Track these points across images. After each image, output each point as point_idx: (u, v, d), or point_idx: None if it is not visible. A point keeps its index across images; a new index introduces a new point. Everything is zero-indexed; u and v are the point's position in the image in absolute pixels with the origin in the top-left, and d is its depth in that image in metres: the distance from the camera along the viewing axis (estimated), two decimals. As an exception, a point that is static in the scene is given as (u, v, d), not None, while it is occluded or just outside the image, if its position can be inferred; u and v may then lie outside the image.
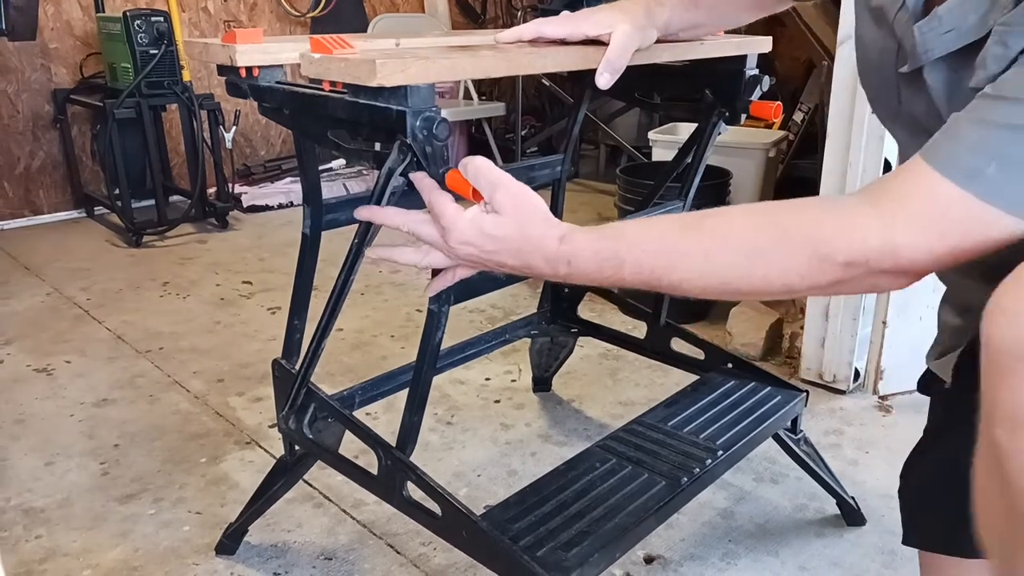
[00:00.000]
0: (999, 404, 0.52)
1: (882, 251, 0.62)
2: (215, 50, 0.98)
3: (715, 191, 2.42)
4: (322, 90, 0.87)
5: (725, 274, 0.68)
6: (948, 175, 0.60)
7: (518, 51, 0.91)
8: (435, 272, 0.90)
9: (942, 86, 0.68)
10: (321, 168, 3.76)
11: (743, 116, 1.30)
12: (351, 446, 1.16)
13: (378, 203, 0.89)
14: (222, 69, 1.01)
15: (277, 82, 0.99)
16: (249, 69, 0.97)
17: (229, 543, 1.38)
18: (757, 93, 1.26)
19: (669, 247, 0.70)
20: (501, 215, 0.76)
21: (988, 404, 0.54)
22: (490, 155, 4.18)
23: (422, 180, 0.82)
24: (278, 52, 0.97)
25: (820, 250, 0.64)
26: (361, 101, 0.81)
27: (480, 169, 0.78)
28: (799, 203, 0.68)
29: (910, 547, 0.91)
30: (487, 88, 4.69)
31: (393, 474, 1.08)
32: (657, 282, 0.70)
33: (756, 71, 1.25)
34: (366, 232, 0.93)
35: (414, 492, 1.07)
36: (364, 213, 0.89)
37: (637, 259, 0.70)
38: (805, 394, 1.37)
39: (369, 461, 1.12)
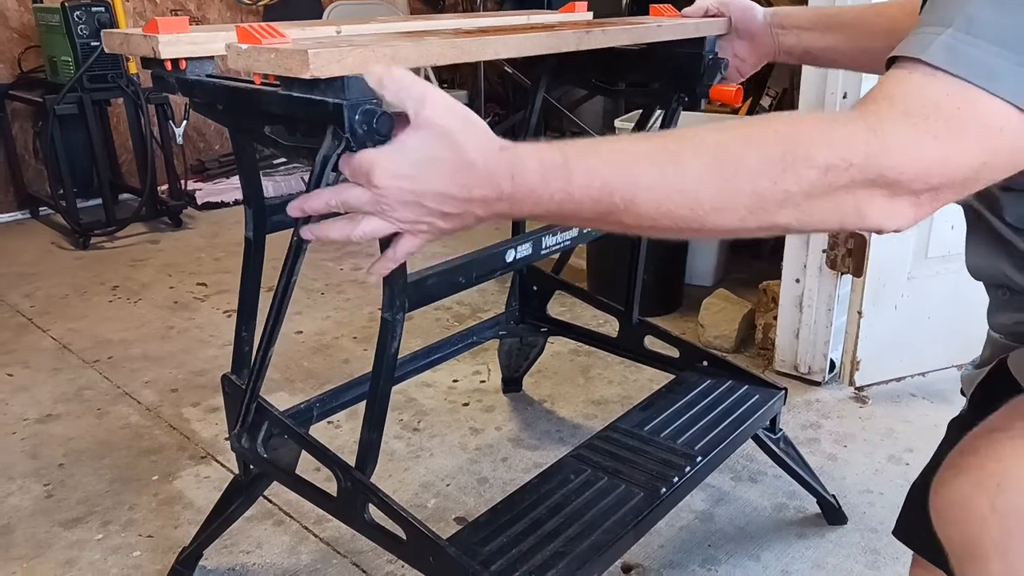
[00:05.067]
0: None
1: (868, 151, 0.53)
2: (136, 41, 0.88)
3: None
4: (254, 83, 0.78)
5: (689, 181, 0.57)
6: (933, 61, 0.53)
7: (466, 38, 0.83)
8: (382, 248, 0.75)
9: None
10: (277, 161, 3.63)
11: (703, 101, 1.24)
12: (312, 459, 1.07)
13: None
14: (147, 62, 0.91)
15: (207, 75, 0.90)
16: (175, 62, 0.88)
17: (183, 569, 1.29)
18: (717, 77, 1.19)
19: (624, 152, 0.60)
20: (430, 130, 0.63)
21: None
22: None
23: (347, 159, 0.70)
24: (206, 42, 0.88)
25: (796, 148, 0.54)
26: (295, 95, 0.73)
27: (402, 83, 0.64)
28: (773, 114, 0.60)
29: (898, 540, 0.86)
30: (448, 75, 4.58)
31: (353, 496, 1.01)
32: (610, 198, 0.59)
33: (715, 54, 1.18)
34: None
35: (377, 514, 1.00)
36: (295, 207, 0.74)
37: (588, 168, 0.59)
38: (784, 392, 1.32)
39: (330, 476, 1.04)
